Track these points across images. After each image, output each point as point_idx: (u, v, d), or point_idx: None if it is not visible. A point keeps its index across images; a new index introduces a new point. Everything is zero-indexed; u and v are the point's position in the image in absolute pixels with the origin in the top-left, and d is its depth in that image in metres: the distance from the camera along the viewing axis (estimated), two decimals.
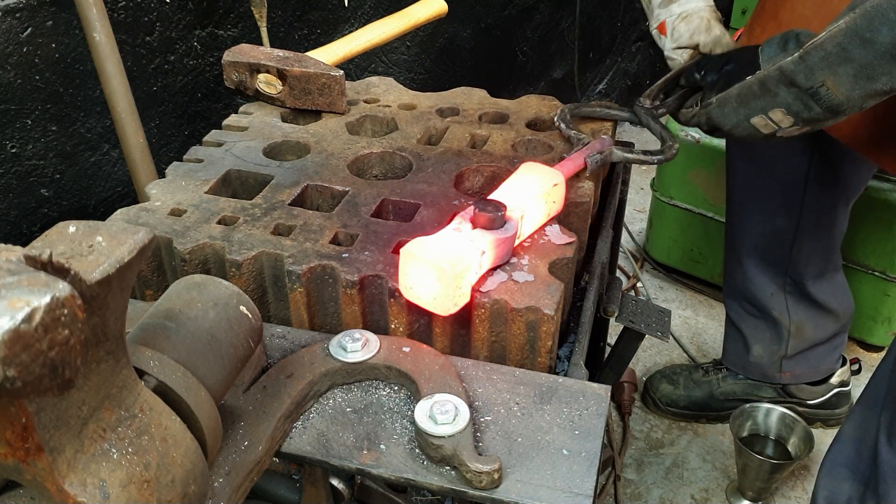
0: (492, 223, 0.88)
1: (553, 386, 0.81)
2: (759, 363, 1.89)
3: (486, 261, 0.86)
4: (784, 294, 1.78)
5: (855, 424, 1.41)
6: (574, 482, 0.71)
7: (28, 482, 0.51)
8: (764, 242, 1.73)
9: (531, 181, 0.97)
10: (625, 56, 3.38)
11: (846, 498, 1.40)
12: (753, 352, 1.88)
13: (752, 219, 1.72)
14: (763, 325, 1.84)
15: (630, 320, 1.19)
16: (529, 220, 0.94)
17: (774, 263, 1.74)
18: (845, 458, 1.42)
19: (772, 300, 1.79)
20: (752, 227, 1.73)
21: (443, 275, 0.81)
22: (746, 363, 1.91)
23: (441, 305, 0.83)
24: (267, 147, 1.16)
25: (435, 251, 0.83)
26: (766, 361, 1.88)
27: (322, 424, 0.78)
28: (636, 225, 2.76)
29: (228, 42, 1.77)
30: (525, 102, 1.30)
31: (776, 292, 1.78)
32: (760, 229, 1.71)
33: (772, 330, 1.83)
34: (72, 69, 1.49)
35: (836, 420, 1.98)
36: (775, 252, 1.73)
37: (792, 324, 1.81)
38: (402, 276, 0.85)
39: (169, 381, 0.61)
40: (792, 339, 1.83)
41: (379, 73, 2.27)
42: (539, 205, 0.95)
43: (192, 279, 0.73)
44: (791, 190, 1.63)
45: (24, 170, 1.49)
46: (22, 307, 0.40)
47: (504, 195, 0.94)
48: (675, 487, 1.84)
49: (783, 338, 1.83)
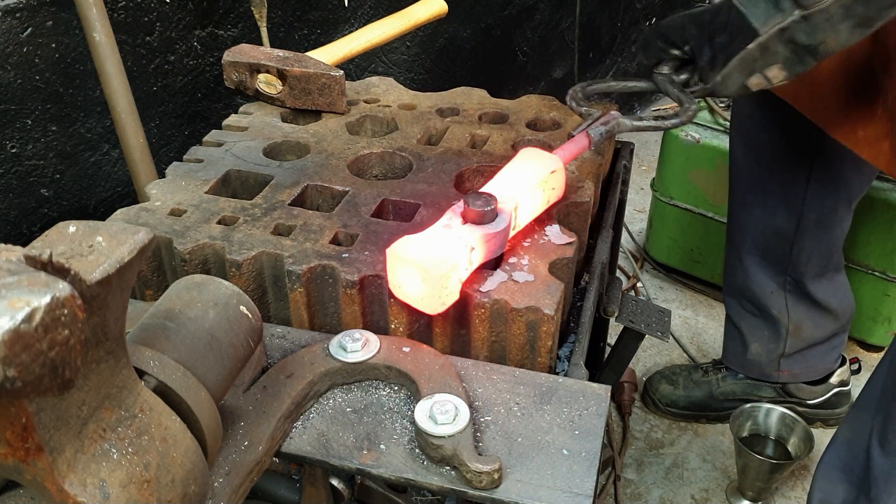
0: (482, 217, 0.86)
1: (553, 386, 0.81)
2: (757, 361, 1.89)
3: (476, 256, 0.86)
4: (784, 292, 1.78)
5: (850, 427, 1.41)
6: (574, 482, 0.71)
7: (28, 482, 0.51)
8: (764, 240, 1.73)
9: (528, 169, 0.94)
10: (625, 56, 3.38)
11: (840, 501, 1.40)
12: (752, 350, 1.88)
13: (753, 216, 1.72)
14: (762, 324, 1.84)
15: (630, 320, 1.19)
16: (526, 209, 0.93)
17: (775, 262, 1.74)
18: (839, 460, 1.42)
19: (771, 298, 1.79)
20: (753, 224, 1.73)
21: (427, 276, 0.80)
22: (745, 361, 1.91)
23: (428, 305, 0.83)
24: (267, 147, 1.16)
25: (420, 251, 0.82)
26: (764, 360, 1.88)
27: (322, 424, 0.78)
28: (636, 225, 2.76)
29: (228, 42, 1.77)
30: (525, 102, 1.30)
31: (776, 290, 1.78)
32: (761, 227, 1.71)
33: (770, 328, 1.83)
34: (72, 69, 1.49)
35: (836, 420, 1.98)
36: (776, 250, 1.73)
37: (791, 322, 1.81)
38: (391, 275, 0.85)
39: (169, 381, 0.61)
40: (790, 338, 1.83)
41: (379, 73, 2.27)
42: (536, 193, 0.93)
43: (192, 279, 0.73)
44: (792, 188, 1.63)
45: (24, 170, 1.49)
46: (22, 307, 0.40)
47: (497, 186, 0.92)
48: (675, 487, 1.84)
49: (781, 336, 1.83)
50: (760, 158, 1.65)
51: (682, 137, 2.25)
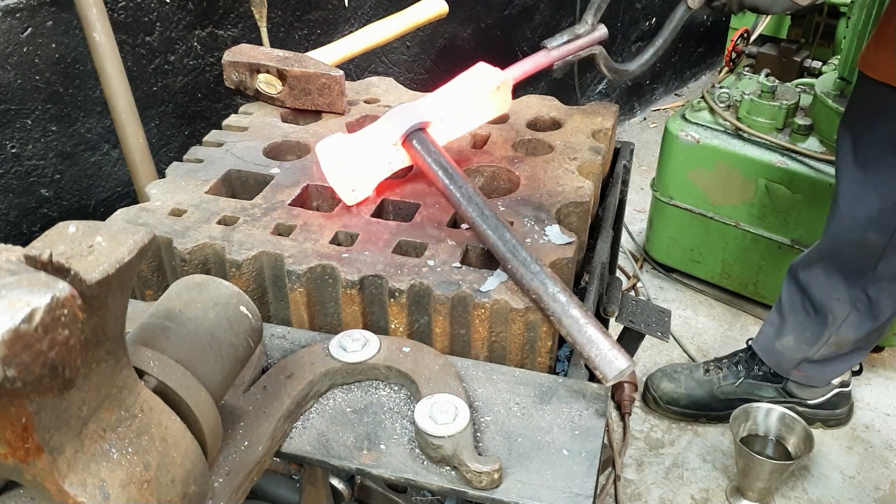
0: None
1: (553, 386, 0.81)
2: (782, 353, 1.87)
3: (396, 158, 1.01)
4: (852, 307, 1.72)
5: None
6: (574, 482, 0.71)
7: (28, 482, 0.51)
8: (851, 247, 1.66)
9: (472, 83, 1.06)
10: (625, 56, 3.38)
11: None
12: (783, 341, 1.85)
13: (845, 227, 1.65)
14: (809, 323, 1.80)
15: (630, 320, 1.19)
16: (461, 121, 1.05)
17: (854, 274, 1.68)
18: None
19: (836, 306, 1.73)
20: (844, 234, 1.66)
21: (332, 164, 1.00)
22: (770, 348, 1.89)
23: (341, 192, 1.01)
24: (267, 147, 1.16)
25: (338, 145, 1.00)
26: (790, 356, 1.86)
27: (322, 424, 0.78)
28: (636, 225, 2.76)
29: (228, 42, 1.77)
30: (525, 102, 1.30)
31: (844, 301, 1.72)
32: (849, 237, 1.66)
33: (814, 330, 1.80)
34: (72, 69, 1.49)
35: (836, 420, 1.98)
36: (858, 262, 1.67)
37: (839, 336, 1.77)
38: (322, 166, 1.02)
39: (169, 381, 0.61)
40: (826, 347, 1.80)
41: (379, 73, 2.27)
42: (477, 107, 1.06)
43: (192, 279, 0.73)
44: (891, 209, 1.57)
45: (24, 170, 1.49)
46: (22, 307, 0.40)
47: (436, 97, 1.04)
48: (675, 487, 1.84)
49: (819, 342, 1.80)
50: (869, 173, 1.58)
51: (682, 137, 2.25)
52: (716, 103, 2.24)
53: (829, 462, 1.90)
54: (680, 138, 2.25)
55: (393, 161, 1.02)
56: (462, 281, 0.87)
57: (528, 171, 1.09)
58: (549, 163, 1.11)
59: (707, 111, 2.26)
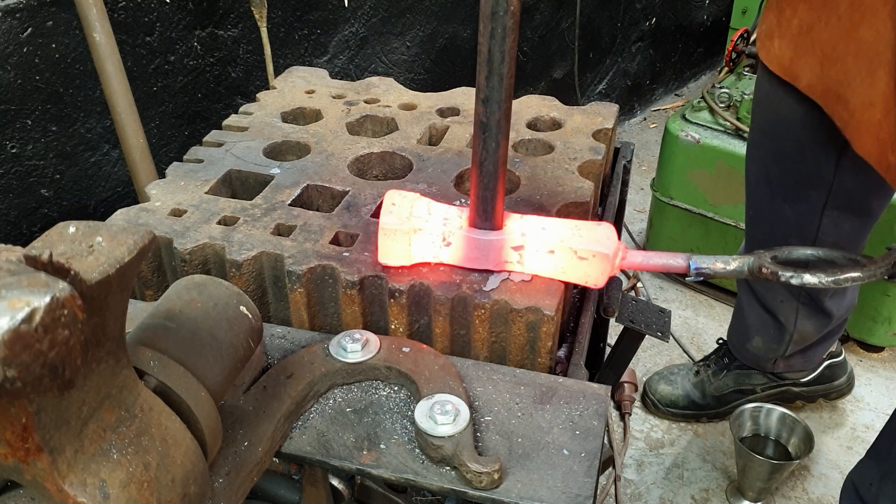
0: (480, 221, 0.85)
1: (553, 386, 0.81)
2: (755, 353, 1.89)
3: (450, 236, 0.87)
4: (797, 304, 1.74)
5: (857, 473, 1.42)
6: (574, 482, 0.71)
7: (28, 482, 0.51)
8: None
9: (574, 229, 0.87)
10: (625, 56, 3.38)
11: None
12: (753, 342, 1.87)
13: (765, 240, 1.64)
14: (770, 322, 1.82)
15: (630, 320, 1.19)
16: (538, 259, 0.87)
17: None
18: None
19: (782, 307, 1.76)
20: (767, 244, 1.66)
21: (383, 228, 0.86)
22: (744, 350, 1.91)
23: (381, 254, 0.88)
24: (267, 147, 1.16)
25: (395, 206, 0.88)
26: (762, 355, 1.88)
27: (322, 424, 0.78)
28: (636, 225, 2.76)
29: (228, 42, 1.77)
30: (525, 102, 1.30)
31: (787, 300, 1.74)
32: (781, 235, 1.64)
33: (775, 329, 1.82)
34: (72, 69, 1.49)
35: (836, 392, 1.97)
36: None
37: (797, 331, 1.79)
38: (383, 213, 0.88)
39: (169, 381, 0.61)
40: (793, 344, 1.83)
41: (379, 73, 2.27)
42: (561, 253, 0.86)
43: (192, 279, 0.73)
44: (807, 218, 1.56)
45: (24, 170, 1.49)
46: (22, 307, 0.40)
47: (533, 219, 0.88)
48: (675, 488, 1.84)
49: (784, 340, 1.82)
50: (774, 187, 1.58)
51: (682, 137, 2.25)
52: (716, 103, 2.24)
53: (829, 462, 1.91)
54: (680, 138, 2.25)
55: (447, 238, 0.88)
56: (462, 281, 0.87)
57: (528, 171, 1.09)
58: (550, 163, 1.11)
59: (707, 111, 2.26)
